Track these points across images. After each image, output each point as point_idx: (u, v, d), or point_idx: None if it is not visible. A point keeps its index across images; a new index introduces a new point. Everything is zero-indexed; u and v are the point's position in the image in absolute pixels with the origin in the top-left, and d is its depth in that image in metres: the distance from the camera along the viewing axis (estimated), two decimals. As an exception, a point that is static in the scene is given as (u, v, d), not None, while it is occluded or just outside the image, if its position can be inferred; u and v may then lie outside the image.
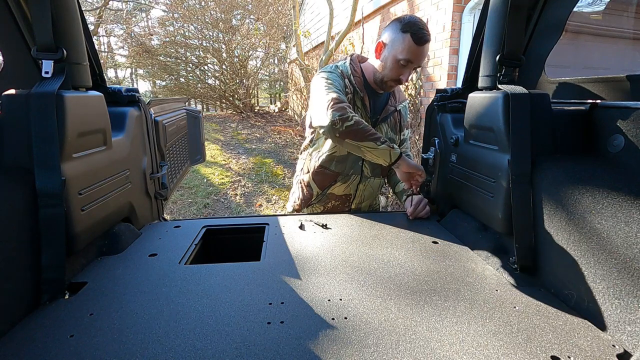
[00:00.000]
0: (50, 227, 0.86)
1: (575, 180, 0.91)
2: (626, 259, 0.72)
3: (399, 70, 1.37)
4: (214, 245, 1.38)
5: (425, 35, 1.31)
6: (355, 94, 1.45)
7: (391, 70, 1.38)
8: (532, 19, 1.23)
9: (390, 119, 1.53)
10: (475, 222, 1.24)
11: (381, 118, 1.50)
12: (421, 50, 1.33)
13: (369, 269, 1.01)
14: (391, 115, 1.53)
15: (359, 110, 1.47)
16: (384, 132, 1.53)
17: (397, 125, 1.56)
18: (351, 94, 1.44)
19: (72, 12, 0.99)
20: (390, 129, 1.54)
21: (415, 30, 1.30)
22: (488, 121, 1.11)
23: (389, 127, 1.54)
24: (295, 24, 6.97)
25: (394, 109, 1.53)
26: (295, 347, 0.69)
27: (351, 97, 1.44)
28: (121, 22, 11.90)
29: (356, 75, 1.45)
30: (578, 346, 0.70)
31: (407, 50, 1.32)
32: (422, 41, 1.31)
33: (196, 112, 2.28)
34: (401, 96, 1.60)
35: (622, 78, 1.03)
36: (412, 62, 1.35)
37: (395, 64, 1.36)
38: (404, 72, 1.37)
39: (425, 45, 1.32)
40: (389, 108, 1.52)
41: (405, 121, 1.63)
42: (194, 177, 5.64)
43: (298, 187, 1.70)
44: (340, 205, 1.63)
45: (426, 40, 1.32)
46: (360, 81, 1.46)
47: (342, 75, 1.44)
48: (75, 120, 0.94)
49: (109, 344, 0.70)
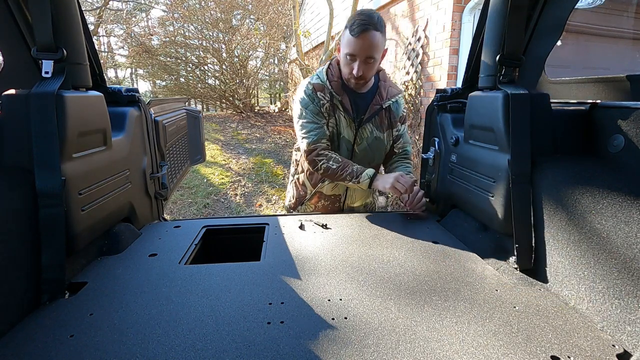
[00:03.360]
0: (50, 227, 0.86)
1: (575, 180, 0.91)
2: (626, 259, 0.72)
3: (349, 65, 1.36)
4: (214, 245, 1.38)
5: (361, 26, 1.26)
6: (333, 99, 1.45)
7: (344, 67, 1.39)
8: (532, 19, 1.23)
9: (375, 118, 1.51)
10: (475, 222, 1.24)
11: (366, 118, 1.49)
12: (359, 42, 1.28)
13: (369, 269, 1.01)
14: (377, 114, 1.50)
15: (340, 114, 1.46)
16: (368, 132, 1.51)
17: (384, 124, 1.53)
18: (328, 102, 1.45)
19: (72, 12, 0.99)
20: (376, 127, 1.52)
21: (352, 22, 1.28)
22: (488, 121, 1.11)
23: (374, 127, 1.51)
24: (295, 24, 6.96)
25: (379, 107, 1.50)
26: (295, 347, 0.69)
27: (328, 105, 1.45)
28: (121, 22, 11.91)
29: (333, 80, 1.45)
30: (578, 346, 0.70)
31: (346, 44, 1.32)
32: (356, 32, 1.27)
33: (196, 112, 2.28)
34: (390, 92, 1.53)
35: (622, 78, 1.03)
36: (354, 54, 1.31)
37: (344, 60, 1.36)
38: (353, 66, 1.34)
39: (362, 36, 1.27)
40: (374, 107, 1.50)
41: (399, 116, 1.58)
42: (194, 177, 5.64)
43: (292, 186, 1.71)
44: (330, 205, 1.63)
45: (361, 31, 1.26)
46: (338, 84, 1.45)
47: (314, 91, 1.45)
48: (75, 120, 0.94)
49: (109, 344, 0.70)
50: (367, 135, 1.51)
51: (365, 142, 1.52)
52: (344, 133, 1.49)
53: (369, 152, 1.54)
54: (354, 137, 1.51)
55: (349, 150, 1.52)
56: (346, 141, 1.50)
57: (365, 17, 1.27)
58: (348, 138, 1.50)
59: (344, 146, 1.51)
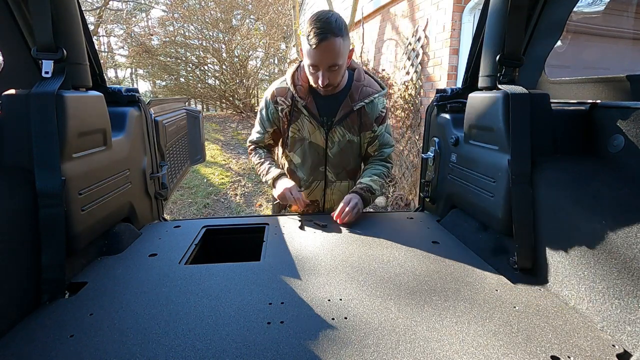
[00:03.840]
0: (50, 227, 0.86)
1: (575, 180, 0.91)
2: (626, 259, 0.72)
3: (314, 75, 1.29)
4: (214, 245, 1.38)
5: (318, 35, 1.17)
6: (296, 104, 1.42)
7: (310, 76, 1.33)
8: (532, 19, 1.23)
9: (346, 121, 1.43)
10: (475, 222, 1.24)
11: (336, 121, 1.42)
12: (319, 52, 1.20)
13: (369, 269, 1.01)
14: (347, 116, 1.43)
15: (305, 118, 1.42)
16: (339, 135, 1.45)
17: (355, 126, 1.45)
18: (288, 107, 1.43)
19: (72, 12, 0.99)
20: (348, 130, 1.45)
21: (309, 32, 1.19)
22: (488, 121, 1.11)
23: (346, 130, 1.45)
24: (295, 24, 6.96)
25: (349, 110, 1.42)
26: (295, 347, 0.69)
27: (288, 111, 1.44)
28: (121, 22, 11.90)
29: (299, 84, 1.40)
30: (578, 346, 0.70)
31: (307, 55, 1.25)
32: (314, 43, 1.18)
33: (196, 112, 2.29)
34: (364, 93, 1.43)
35: (622, 78, 1.03)
36: (317, 65, 1.24)
37: (308, 70, 1.30)
38: (317, 76, 1.28)
39: (320, 46, 1.18)
40: (345, 109, 1.42)
41: (374, 117, 1.47)
42: (194, 177, 5.64)
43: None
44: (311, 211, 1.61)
45: (319, 41, 1.17)
46: (305, 88, 1.40)
47: (273, 97, 1.44)
48: (75, 120, 0.94)
49: (109, 344, 0.70)
50: (339, 139, 1.45)
51: (338, 145, 1.46)
52: (311, 138, 1.45)
53: (343, 155, 1.49)
54: (325, 141, 1.46)
55: (320, 154, 1.48)
56: (316, 146, 1.46)
57: (321, 24, 1.17)
58: (318, 143, 1.46)
59: (314, 151, 1.47)
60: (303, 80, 1.41)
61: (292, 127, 1.46)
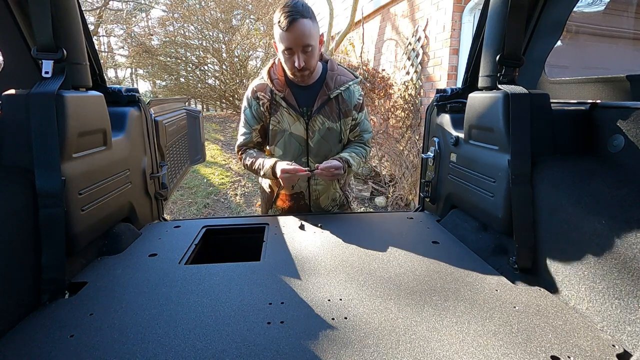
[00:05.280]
0: (50, 227, 0.86)
1: (575, 180, 0.91)
2: (626, 259, 0.72)
3: (290, 60, 1.35)
4: (214, 245, 1.38)
5: (288, 18, 1.24)
6: (275, 97, 1.47)
7: (286, 63, 1.39)
8: (532, 19, 1.23)
9: (325, 108, 1.49)
10: (475, 222, 1.24)
11: (315, 110, 1.47)
12: (291, 34, 1.27)
13: (369, 269, 1.01)
14: (325, 104, 1.49)
15: (284, 110, 1.47)
16: (319, 123, 1.49)
17: (334, 113, 1.51)
18: (268, 101, 1.48)
19: (72, 12, 0.99)
20: (327, 118, 1.50)
21: (279, 18, 1.27)
22: (488, 121, 1.11)
23: (325, 117, 1.50)
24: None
25: (327, 98, 1.48)
26: (295, 347, 0.69)
27: (268, 104, 1.48)
28: (121, 22, 11.89)
29: (275, 78, 1.46)
30: (578, 346, 0.70)
31: (280, 40, 1.31)
32: (285, 26, 1.25)
33: (196, 112, 2.29)
34: (339, 81, 1.50)
35: (622, 78, 1.03)
36: (290, 47, 1.31)
37: (284, 56, 1.36)
38: (293, 59, 1.33)
39: (292, 27, 1.25)
40: (322, 97, 1.48)
41: (353, 104, 1.53)
42: (194, 177, 5.64)
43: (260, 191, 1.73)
44: (295, 204, 1.63)
45: (290, 22, 1.25)
46: (282, 81, 1.46)
47: (254, 92, 1.49)
48: (75, 120, 0.94)
49: (109, 344, 0.70)
50: (319, 127, 1.49)
51: (318, 134, 1.50)
52: (292, 129, 1.49)
53: (324, 144, 1.52)
54: (306, 131, 1.49)
55: (301, 145, 1.51)
56: (297, 137, 1.49)
57: (289, 8, 1.26)
58: (298, 133, 1.49)
59: (295, 142, 1.50)
60: (279, 74, 1.47)
61: (272, 120, 1.50)
